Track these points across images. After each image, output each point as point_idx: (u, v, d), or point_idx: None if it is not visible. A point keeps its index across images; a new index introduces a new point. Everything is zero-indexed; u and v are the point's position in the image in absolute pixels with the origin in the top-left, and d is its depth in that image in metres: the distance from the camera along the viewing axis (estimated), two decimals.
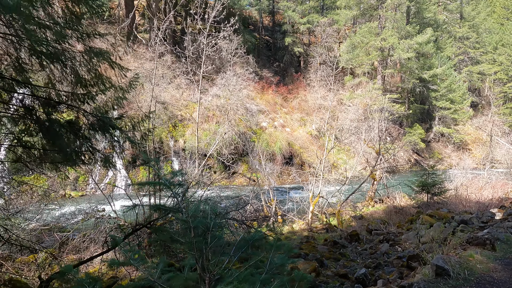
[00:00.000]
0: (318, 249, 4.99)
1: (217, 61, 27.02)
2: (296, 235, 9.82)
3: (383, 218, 11.25)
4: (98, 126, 4.21)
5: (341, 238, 7.53)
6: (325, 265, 3.95)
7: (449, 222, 6.09)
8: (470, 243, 3.29)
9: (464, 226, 5.12)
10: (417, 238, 4.47)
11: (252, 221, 7.44)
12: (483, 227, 4.93)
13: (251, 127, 24.11)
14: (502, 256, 3.05)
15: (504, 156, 21.75)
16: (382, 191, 15.68)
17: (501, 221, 5.46)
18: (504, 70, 36.36)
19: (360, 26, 26.89)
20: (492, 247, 3.11)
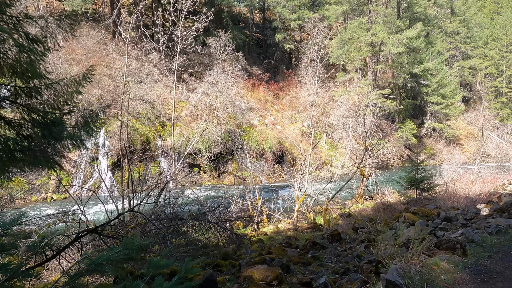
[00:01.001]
0: (287, 253, 4.66)
1: (205, 59, 26.56)
2: (280, 235, 9.49)
3: (371, 215, 10.97)
4: (38, 123, 3.78)
5: (323, 238, 7.20)
6: (292, 271, 3.61)
7: (433, 220, 5.78)
8: (439, 248, 2.96)
9: (447, 224, 4.82)
10: (393, 239, 4.17)
11: (230, 221, 7.07)
12: (465, 225, 4.64)
13: (241, 125, 23.72)
14: (473, 263, 2.72)
15: (494, 150, 21.68)
16: (373, 188, 15.43)
17: (485, 217, 5.18)
18: (495, 64, 36.43)
19: (350, 22, 26.60)
20: (463, 251, 2.78)
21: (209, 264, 5.14)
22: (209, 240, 7.54)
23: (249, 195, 11.86)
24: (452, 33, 37.99)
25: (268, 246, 6.28)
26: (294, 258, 4.17)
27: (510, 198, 6.38)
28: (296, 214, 10.31)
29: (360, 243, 5.58)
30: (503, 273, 2.48)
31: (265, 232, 9.66)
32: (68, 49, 23.00)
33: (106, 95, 20.52)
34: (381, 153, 16.12)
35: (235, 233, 6.72)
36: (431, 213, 6.49)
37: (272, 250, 5.09)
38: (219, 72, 22.94)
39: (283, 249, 4.98)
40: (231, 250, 7.20)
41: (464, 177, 16.41)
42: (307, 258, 4.27)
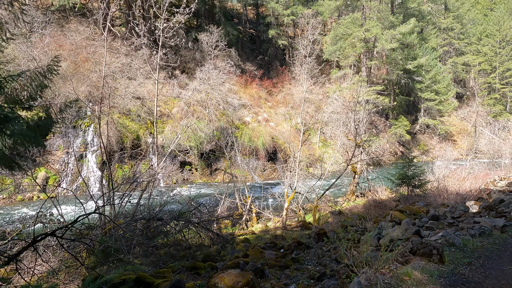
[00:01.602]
0: (264, 255, 4.44)
1: (197, 55, 26.15)
2: (268, 234, 9.29)
3: (361, 213, 10.81)
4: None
5: (309, 237, 7.00)
6: (266, 276, 3.39)
7: (420, 218, 5.60)
8: (415, 253, 2.74)
9: (433, 223, 4.64)
10: (376, 240, 3.96)
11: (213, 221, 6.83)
12: (451, 224, 4.46)
13: (233, 122, 23.42)
14: (450, 272, 2.48)
15: (486, 146, 21.69)
16: (365, 185, 15.29)
17: (473, 215, 5.01)
18: (488, 60, 36.48)
19: (344, 18, 26.34)
20: (440, 258, 2.56)
21: (186, 267, 4.89)
22: (192, 241, 7.30)
23: (239, 193, 11.62)
24: (446, 29, 37.94)
25: (252, 246, 6.07)
26: (271, 261, 3.95)
27: (499, 195, 6.23)
28: (285, 213, 10.11)
29: (345, 243, 5.35)
30: (482, 283, 2.26)
31: (253, 231, 9.45)
32: (55, 44, 22.45)
33: (95, 91, 20.08)
34: (373, 150, 15.97)
35: (216, 233, 6.48)
36: (419, 211, 6.32)
37: (249, 252, 4.87)
38: (210, 68, 22.56)
39: (261, 251, 4.76)
40: (215, 251, 6.97)
41: (456, 174, 16.34)
42: (286, 260, 4.05)
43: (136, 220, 5.70)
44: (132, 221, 5.69)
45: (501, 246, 2.92)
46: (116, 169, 18.84)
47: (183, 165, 21.21)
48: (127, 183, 8.80)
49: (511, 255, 2.67)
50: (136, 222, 5.76)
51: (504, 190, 7.53)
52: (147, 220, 5.68)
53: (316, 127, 27.52)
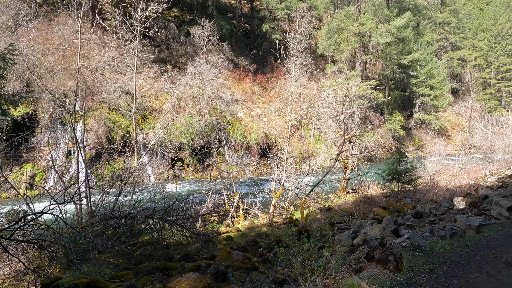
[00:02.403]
0: (232, 257, 4.22)
1: (189, 49, 25.71)
2: (254, 231, 9.09)
3: (350, 209, 10.63)
4: None
5: (292, 235, 6.78)
6: (229, 279, 3.19)
7: (403, 215, 5.40)
8: (371, 259, 2.51)
9: (415, 221, 4.44)
10: (351, 239, 3.75)
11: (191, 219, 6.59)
12: (432, 222, 4.25)
13: (225, 117, 23.13)
14: (405, 282, 2.20)
15: (480, 141, 21.59)
16: (356, 180, 15.13)
17: (457, 212, 4.81)
18: (484, 55, 36.31)
19: (338, 11, 25.96)
20: (396, 265, 2.32)
21: (157, 268, 4.65)
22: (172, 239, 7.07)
23: (226, 190, 11.39)
24: (441, 24, 37.66)
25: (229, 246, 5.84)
26: (237, 263, 3.74)
27: (486, 191, 6.05)
28: (272, 209, 9.90)
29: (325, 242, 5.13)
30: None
31: (239, 229, 9.24)
32: (43, 38, 21.92)
33: (83, 86, 19.63)
34: (364, 145, 15.78)
35: (192, 231, 6.25)
36: (403, 208, 6.12)
37: (217, 253, 4.65)
38: (202, 63, 22.16)
39: (229, 252, 4.53)
40: (194, 250, 6.75)
41: (448, 169, 16.22)
42: (255, 262, 3.84)
43: (107, 219, 5.44)
44: (103, 220, 5.43)
45: (472, 249, 2.68)
46: (104, 166, 18.55)
47: (175, 161, 20.94)
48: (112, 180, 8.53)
49: (480, 260, 2.42)
50: (107, 221, 5.51)
51: (492, 185, 7.36)
52: (119, 219, 5.42)
53: (310, 123, 27.29)
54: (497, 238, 2.74)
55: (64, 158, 18.09)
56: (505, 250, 2.58)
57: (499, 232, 2.76)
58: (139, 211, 6.49)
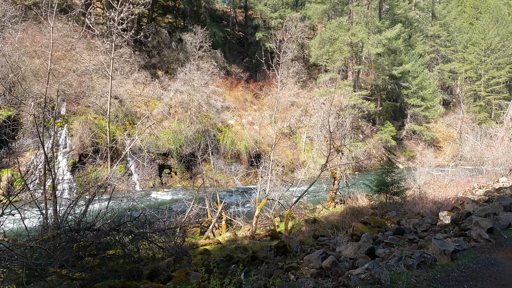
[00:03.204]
0: (189, 278, 3.85)
1: (181, 55, 25.53)
2: (235, 244, 8.68)
3: (336, 221, 10.30)
4: None
5: (270, 250, 6.42)
6: None
7: (384, 232, 5.09)
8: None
9: (394, 239, 4.13)
10: (320, 260, 3.41)
11: (162, 232, 6.18)
12: (412, 240, 3.95)
13: (215, 125, 22.81)
14: None
15: (470, 153, 21.60)
16: (345, 191, 14.84)
17: (440, 229, 4.52)
18: (474, 68, 36.89)
19: (331, 22, 26.16)
20: None
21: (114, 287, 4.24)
22: (143, 253, 6.64)
23: (209, 199, 10.99)
24: (432, 37, 38.30)
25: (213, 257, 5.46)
26: (193, 286, 3.37)
27: (472, 206, 5.80)
28: (255, 221, 9.51)
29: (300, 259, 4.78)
30: None
31: (219, 241, 8.82)
32: (30, 41, 21.53)
33: (69, 90, 19.21)
34: (353, 155, 15.57)
35: (160, 246, 5.84)
36: (384, 223, 5.82)
37: (174, 274, 4.27)
38: (193, 69, 21.94)
39: (187, 273, 4.16)
40: (166, 264, 6.32)
41: (438, 180, 16.07)
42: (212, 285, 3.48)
43: (70, 231, 5.02)
44: (64, 233, 5.01)
45: (440, 283, 2.31)
46: (88, 172, 17.97)
47: (162, 168, 20.46)
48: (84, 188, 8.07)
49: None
50: (69, 233, 5.08)
51: (479, 199, 7.13)
52: (81, 231, 5.01)
53: (301, 131, 27.12)
54: (472, 268, 2.41)
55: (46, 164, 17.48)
56: (479, 285, 2.24)
57: (475, 260, 2.44)
58: (103, 223, 6.06)
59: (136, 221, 5.55)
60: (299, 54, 33.04)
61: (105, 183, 7.57)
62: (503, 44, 35.23)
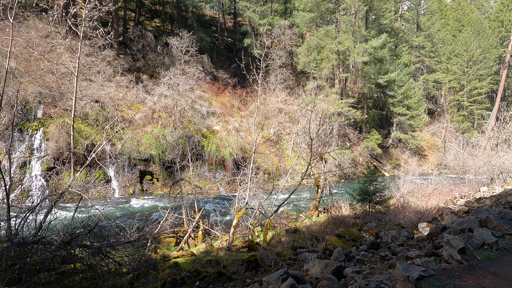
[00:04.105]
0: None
1: (166, 59, 25.11)
2: (210, 256, 8.21)
3: (317, 231, 9.98)
4: None
5: (242, 264, 6.01)
6: None
7: (358, 246, 4.80)
8: None
9: (365, 255, 3.83)
10: (280, 281, 3.05)
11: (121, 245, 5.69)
12: (384, 258, 3.65)
13: (200, 130, 22.35)
14: None
15: (453, 161, 21.83)
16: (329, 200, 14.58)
17: (416, 243, 4.25)
18: (457, 79, 37.82)
19: (318, 30, 26.35)
20: None
21: None
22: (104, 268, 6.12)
23: (186, 207, 10.50)
24: (417, 47, 39.19)
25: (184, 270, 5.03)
26: None
27: (451, 218, 5.59)
28: (232, 231, 9.09)
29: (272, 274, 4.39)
30: None
31: (193, 252, 8.34)
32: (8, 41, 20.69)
33: (47, 92, 18.47)
34: (337, 162, 15.39)
35: (116, 260, 5.36)
36: (360, 236, 5.54)
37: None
38: (178, 74, 21.54)
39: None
40: (128, 280, 5.84)
41: (422, 189, 16.04)
42: None
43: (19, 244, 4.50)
44: (13, 246, 4.49)
45: None
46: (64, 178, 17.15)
47: (143, 175, 19.79)
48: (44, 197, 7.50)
49: None
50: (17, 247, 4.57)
51: (459, 210, 6.96)
52: (27, 245, 4.50)
53: (288, 138, 26.94)
54: None
55: (18, 169, 16.60)
56: None
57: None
58: (64, 236, 5.55)
59: (92, 233, 5.07)
60: (287, 61, 33.15)
61: (66, 191, 7.03)
62: (484, 56, 36.31)
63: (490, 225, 3.47)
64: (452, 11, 50.02)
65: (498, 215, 4.03)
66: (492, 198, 8.14)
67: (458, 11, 48.77)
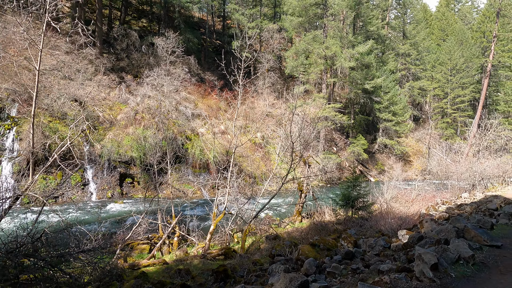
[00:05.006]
0: None
1: (151, 60, 24.54)
2: (183, 264, 7.76)
3: (297, 238, 9.66)
4: None
5: (212, 274, 5.61)
6: None
7: (332, 256, 4.50)
8: None
9: (337, 267, 3.53)
10: None
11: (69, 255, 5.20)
12: (355, 270, 3.35)
13: (184, 132, 21.83)
14: None
15: (436, 167, 22.06)
16: (312, 205, 14.33)
17: (392, 253, 3.99)
18: (441, 87, 38.65)
19: (306, 34, 26.39)
20: None
21: None
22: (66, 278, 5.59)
23: (162, 212, 10.01)
24: (403, 55, 39.91)
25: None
26: None
27: (430, 225, 5.39)
28: (209, 237, 8.67)
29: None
30: None
31: (165, 261, 7.86)
32: None
33: (21, 90, 17.61)
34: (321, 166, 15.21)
35: (64, 271, 4.88)
36: (335, 245, 5.25)
37: None
38: (162, 74, 21.02)
39: None
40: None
41: (405, 195, 16.01)
42: None
43: None
44: None
45: None
46: (37, 180, 16.29)
47: (124, 177, 19.08)
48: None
49: None
50: None
51: (440, 217, 6.79)
52: None
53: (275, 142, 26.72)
54: None
55: None
56: None
57: None
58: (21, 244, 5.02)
59: (41, 242, 4.58)
60: (276, 65, 33.08)
61: (23, 195, 6.47)
62: (467, 65, 37.27)
63: (467, 235, 3.23)
64: (436, 21, 51.40)
65: (477, 224, 3.82)
66: (473, 205, 8.04)
67: (442, 21, 50.14)
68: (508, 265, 2.51)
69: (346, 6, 24.15)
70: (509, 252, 2.86)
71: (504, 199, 8.20)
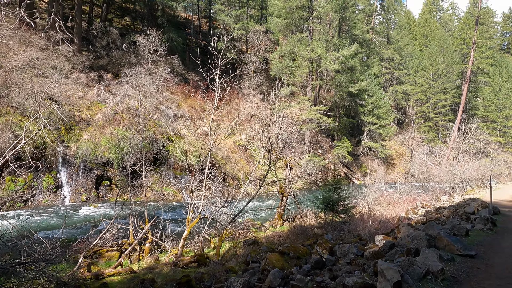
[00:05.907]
0: None
1: (133, 58, 23.82)
2: (152, 272, 7.28)
3: (276, 243, 9.33)
4: None
5: (176, 286, 5.19)
6: None
7: (301, 265, 4.19)
8: None
9: (302, 279, 3.22)
10: None
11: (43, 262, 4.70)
12: (320, 283, 3.06)
13: (166, 134, 21.21)
14: None
15: (418, 170, 22.34)
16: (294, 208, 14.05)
17: (364, 262, 3.73)
18: (423, 91, 39.52)
19: (291, 36, 26.33)
20: None
21: None
22: None
23: (133, 217, 9.48)
24: (388, 59, 40.61)
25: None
26: None
27: (407, 230, 5.18)
28: (182, 243, 8.23)
29: None
30: None
31: (132, 269, 7.35)
32: None
33: None
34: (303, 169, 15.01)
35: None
36: (306, 253, 4.96)
37: None
38: (143, 73, 20.38)
39: None
40: None
41: (388, 197, 16.02)
42: None
43: None
44: None
45: None
46: (5, 182, 15.34)
47: (100, 180, 18.28)
48: None
49: None
50: None
51: (418, 221, 6.64)
52: None
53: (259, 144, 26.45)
54: None
55: None
56: None
57: None
58: None
59: None
60: (262, 67, 32.92)
61: None
62: (448, 71, 38.27)
63: (440, 243, 3.00)
64: (419, 27, 52.73)
65: (451, 230, 3.60)
66: (451, 208, 7.96)
67: (425, 28, 51.49)
68: (481, 279, 2.27)
69: (331, 9, 24.26)
70: (483, 262, 2.63)
71: (481, 202, 8.18)
